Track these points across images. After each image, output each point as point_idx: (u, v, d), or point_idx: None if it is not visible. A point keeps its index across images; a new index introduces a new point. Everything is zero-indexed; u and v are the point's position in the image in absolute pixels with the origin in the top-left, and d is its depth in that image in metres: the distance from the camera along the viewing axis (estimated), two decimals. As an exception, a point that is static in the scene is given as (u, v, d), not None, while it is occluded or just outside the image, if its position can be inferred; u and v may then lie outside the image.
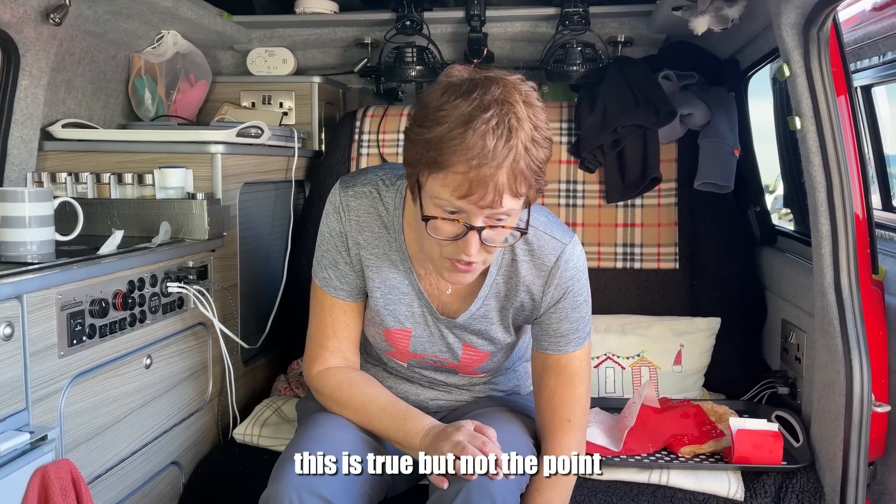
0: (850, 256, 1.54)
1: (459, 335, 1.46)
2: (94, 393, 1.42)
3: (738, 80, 2.28)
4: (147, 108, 2.19)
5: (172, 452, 1.70)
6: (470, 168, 1.15)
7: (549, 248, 1.37)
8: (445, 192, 1.18)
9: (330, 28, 2.43)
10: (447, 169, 1.17)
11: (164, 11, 2.01)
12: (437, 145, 1.17)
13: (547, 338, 1.42)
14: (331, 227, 1.44)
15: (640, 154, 2.09)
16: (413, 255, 1.41)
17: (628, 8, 2.22)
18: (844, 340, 1.52)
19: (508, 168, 1.16)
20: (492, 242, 1.24)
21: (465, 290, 1.42)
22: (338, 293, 1.46)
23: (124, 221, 1.73)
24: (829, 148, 1.52)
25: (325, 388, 1.46)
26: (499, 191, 1.16)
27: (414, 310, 1.45)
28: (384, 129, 2.27)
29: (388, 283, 1.43)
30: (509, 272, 1.40)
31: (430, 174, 1.20)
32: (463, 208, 1.19)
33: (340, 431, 1.38)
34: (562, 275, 1.38)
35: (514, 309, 1.43)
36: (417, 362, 1.52)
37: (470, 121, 1.15)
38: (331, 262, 1.45)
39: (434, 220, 1.22)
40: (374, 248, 1.42)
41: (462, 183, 1.16)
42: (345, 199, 1.41)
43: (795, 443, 1.70)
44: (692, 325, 2.02)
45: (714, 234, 2.12)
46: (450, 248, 1.24)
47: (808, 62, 1.51)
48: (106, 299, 1.42)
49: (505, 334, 1.47)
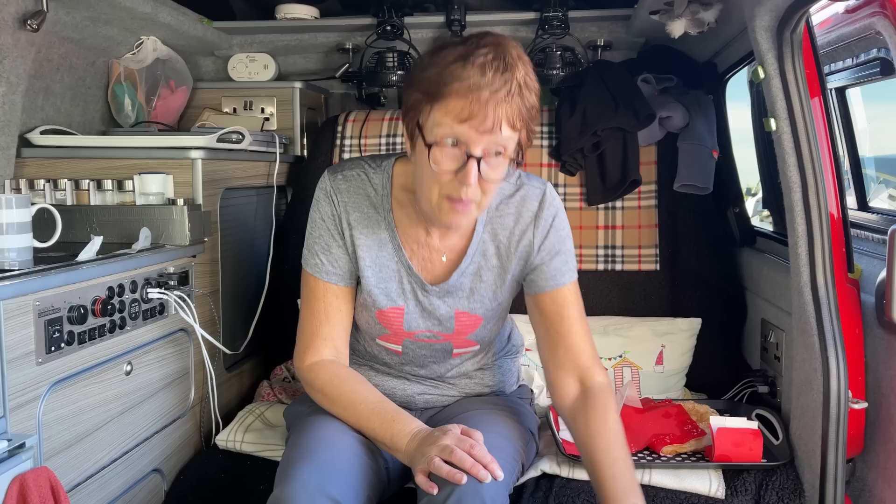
0: (825, 256, 1.56)
1: (451, 303, 1.49)
2: (74, 400, 1.41)
3: (715, 82, 2.31)
4: (127, 115, 2.18)
5: (154, 460, 1.69)
6: (470, 93, 1.22)
7: (532, 195, 1.47)
8: (448, 118, 1.25)
9: (311, 33, 2.44)
10: (448, 97, 1.24)
11: (143, 17, 2.00)
12: (437, 79, 1.25)
13: (543, 277, 1.47)
14: (322, 212, 1.47)
15: (620, 157, 2.11)
16: (402, 233, 1.46)
17: (607, 12, 2.24)
18: (821, 338, 1.54)
19: (506, 97, 1.23)
20: (489, 176, 1.29)
21: (455, 255, 1.48)
22: (330, 277, 1.48)
23: (104, 228, 1.72)
24: (803, 149, 1.54)
25: (316, 382, 1.46)
26: (497, 117, 1.23)
27: (404, 286, 1.49)
28: (366, 133, 2.28)
29: (379, 261, 1.47)
30: (496, 227, 1.47)
31: (431, 107, 1.27)
32: (464, 135, 1.25)
33: (342, 435, 1.39)
34: (548, 214, 1.46)
35: (513, 261, 1.48)
36: (412, 342, 1.53)
37: (467, 55, 1.24)
38: (323, 246, 1.48)
39: (437, 147, 1.26)
40: (364, 228, 1.46)
41: (463, 108, 1.23)
42: (334, 184, 1.47)
43: (775, 440, 1.72)
44: (673, 326, 2.04)
45: (694, 235, 2.14)
46: (449, 184, 1.29)
47: (783, 64, 1.53)
48: (85, 306, 1.41)
49: (495, 292, 1.50)
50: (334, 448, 1.34)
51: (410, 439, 1.32)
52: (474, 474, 1.22)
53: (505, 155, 1.29)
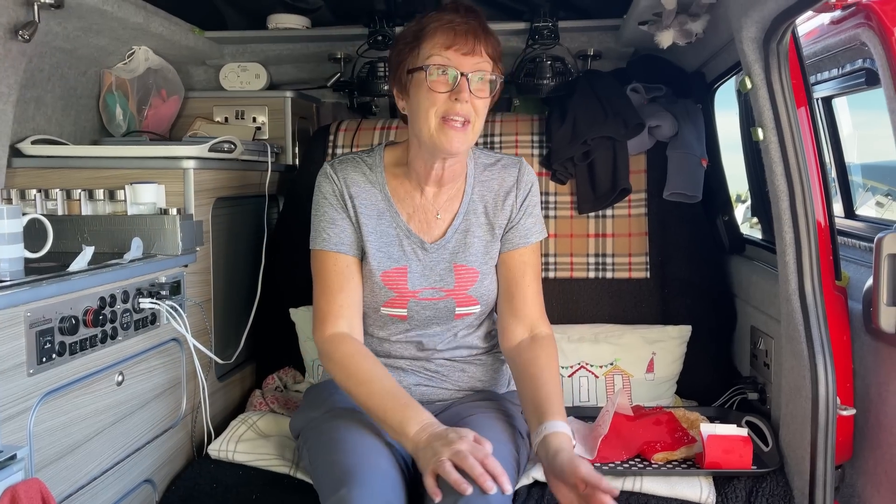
0: (813, 263, 1.57)
1: (448, 258, 1.64)
2: (65, 411, 1.41)
3: (704, 92, 2.33)
4: (118, 124, 2.18)
5: (145, 470, 1.68)
6: (450, 25, 1.49)
7: (511, 163, 1.71)
8: (435, 48, 1.49)
9: (302, 43, 2.45)
10: (431, 33, 1.50)
11: (134, 27, 2.01)
12: (417, 27, 1.53)
13: (518, 235, 1.68)
14: (324, 192, 1.63)
15: (609, 165, 2.12)
16: (398, 200, 1.64)
17: (597, 22, 2.26)
18: (809, 346, 1.55)
19: (479, 29, 1.51)
20: (479, 92, 1.50)
21: (448, 214, 1.65)
22: (339, 248, 1.60)
23: (95, 238, 1.72)
24: (790, 158, 1.56)
25: (336, 353, 1.53)
26: (478, 40, 1.49)
27: (405, 248, 1.63)
28: (358, 142, 2.28)
29: (379, 228, 1.63)
30: (483, 191, 1.67)
31: (418, 47, 1.51)
32: (451, 59, 1.48)
33: (376, 442, 1.44)
34: (526, 179, 1.69)
35: (499, 218, 1.66)
36: (416, 302, 1.63)
37: (441, 6, 1.55)
38: (328, 221, 1.61)
39: (430, 69, 1.48)
40: (364, 200, 1.63)
41: (446, 37, 1.49)
42: (333, 168, 1.64)
43: (765, 447, 1.73)
44: (664, 334, 2.05)
45: (684, 243, 2.16)
46: (444, 105, 1.49)
47: (769, 75, 1.55)
48: (76, 316, 1.41)
49: (486, 247, 1.66)
50: (377, 457, 1.39)
51: (421, 429, 1.36)
52: (481, 484, 1.25)
53: (487, 79, 1.52)
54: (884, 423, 1.56)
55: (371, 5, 2.24)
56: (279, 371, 2.20)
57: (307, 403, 1.68)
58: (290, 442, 1.78)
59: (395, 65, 1.58)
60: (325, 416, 1.56)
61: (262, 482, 1.68)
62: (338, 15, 2.34)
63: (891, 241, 1.48)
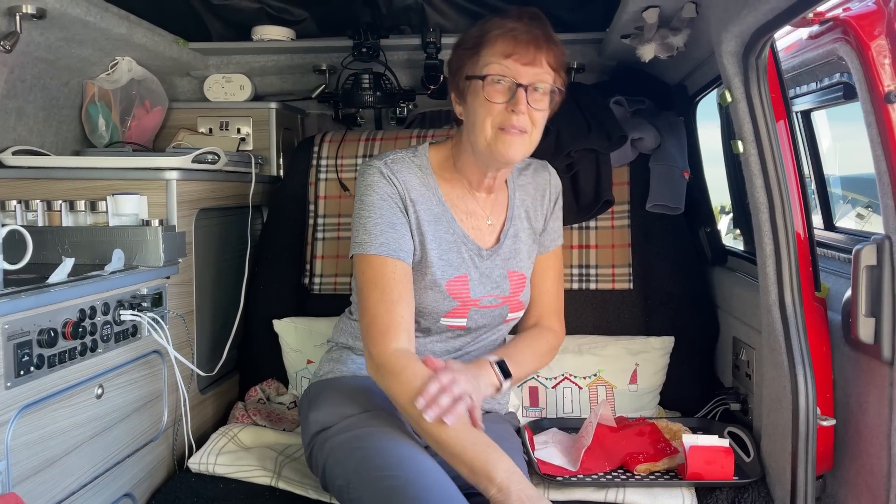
0: (792, 275, 1.59)
1: (502, 264, 1.65)
2: (43, 424, 1.39)
3: (686, 104, 2.35)
4: (101, 135, 2.17)
5: (125, 484, 1.66)
6: (512, 33, 1.47)
7: (541, 167, 1.77)
8: (494, 56, 1.47)
9: (287, 54, 2.45)
10: (492, 41, 1.48)
11: (118, 38, 2.00)
12: (479, 33, 1.51)
13: (548, 237, 1.75)
14: (381, 193, 1.55)
15: (593, 177, 2.13)
16: (452, 206, 1.61)
17: (580, 35, 2.28)
18: (790, 356, 1.57)
19: (542, 38, 1.48)
20: (537, 104, 1.49)
21: (496, 219, 1.67)
22: (398, 254, 1.51)
23: (76, 249, 1.71)
24: (770, 170, 1.57)
25: (404, 373, 1.39)
26: (539, 50, 1.47)
27: (463, 255, 1.61)
28: (342, 154, 2.29)
29: (438, 234, 1.59)
30: (523, 196, 1.71)
31: (477, 54, 1.49)
32: (510, 68, 1.46)
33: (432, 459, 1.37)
34: (555, 182, 1.78)
35: (539, 221, 1.72)
36: (477, 310, 1.62)
37: (504, 14, 1.52)
38: (388, 224, 1.53)
39: (489, 79, 1.47)
40: (422, 204, 1.58)
41: (507, 45, 1.47)
42: (388, 165, 1.57)
43: (747, 458, 1.74)
44: (647, 345, 2.06)
45: (667, 254, 2.17)
46: (501, 115, 1.48)
47: (749, 88, 1.57)
48: (55, 328, 1.40)
49: (529, 250, 1.71)
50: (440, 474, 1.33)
51: (508, 476, 1.27)
52: None
53: (546, 91, 1.50)
54: (864, 434, 1.58)
55: (356, 17, 2.25)
56: (262, 383, 2.18)
57: (334, 399, 1.53)
58: (272, 453, 1.77)
59: (455, 70, 1.57)
60: (366, 416, 1.44)
61: (244, 495, 1.67)
62: (323, 27, 2.35)
63: (868, 253, 1.49)
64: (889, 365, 1.48)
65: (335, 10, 2.23)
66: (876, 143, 1.48)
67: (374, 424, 1.42)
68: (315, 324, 2.10)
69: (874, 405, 1.53)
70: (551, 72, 1.50)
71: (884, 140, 1.46)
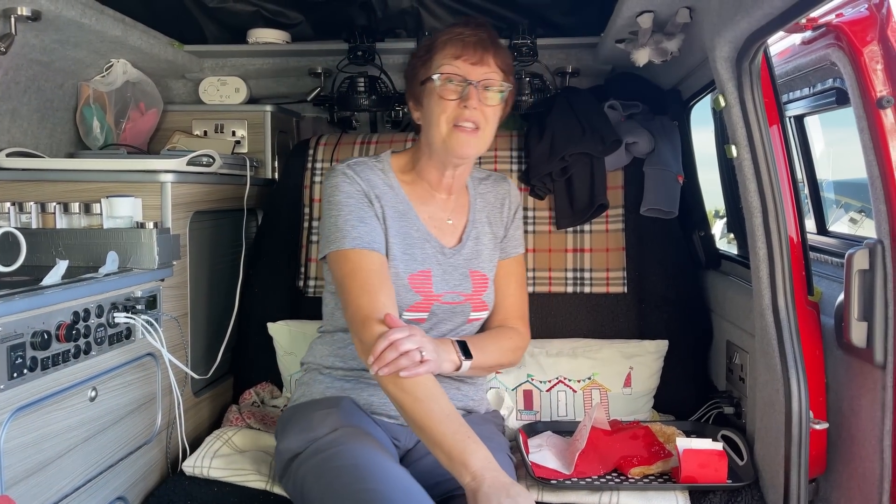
0: (785, 279, 1.59)
1: (465, 263, 1.71)
2: (36, 427, 1.39)
3: (680, 109, 2.36)
4: (95, 137, 2.17)
5: (118, 487, 1.66)
6: (459, 38, 1.59)
7: (500, 178, 1.87)
8: (445, 59, 1.58)
9: (283, 57, 2.45)
10: (442, 46, 1.60)
11: (113, 40, 2.00)
12: (430, 43, 1.63)
13: (508, 245, 1.82)
14: (347, 191, 1.62)
15: (587, 181, 2.14)
16: (416, 206, 1.68)
17: (575, 40, 2.29)
18: (783, 360, 1.57)
19: (488, 40, 1.60)
20: (488, 100, 1.59)
21: (459, 220, 1.74)
22: (373, 246, 1.58)
23: (70, 251, 1.70)
24: (763, 175, 1.58)
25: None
26: (486, 51, 1.59)
27: (427, 252, 1.67)
28: (338, 157, 2.29)
29: (402, 230, 1.65)
30: (483, 203, 1.79)
31: (430, 60, 1.61)
32: (460, 68, 1.58)
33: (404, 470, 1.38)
34: (515, 193, 1.86)
35: (500, 227, 1.79)
36: (439, 305, 1.66)
37: (452, 24, 1.65)
38: (358, 218, 1.59)
39: (441, 78, 1.57)
40: (386, 201, 1.65)
41: (456, 46, 1.58)
42: (350, 167, 1.65)
43: (740, 461, 1.74)
44: (641, 348, 2.06)
45: (660, 258, 2.18)
46: (454, 111, 1.57)
47: (742, 93, 1.58)
48: (48, 331, 1.39)
49: (491, 254, 1.77)
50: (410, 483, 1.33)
51: (483, 467, 1.29)
52: None
53: (495, 89, 1.60)
54: (856, 437, 1.58)
55: (351, 20, 2.25)
56: (257, 386, 2.18)
57: (302, 425, 1.53)
58: (266, 457, 1.76)
59: (410, 78, 1.68)
60: (334, 436, 1.44)
61: (238, 498, 1.66)
62: (318, 30, 2.35)
63: (861, 257, 1.50)
64: (881, 369, 1.48)
65: (331, 13, 2.23)
66: (868, 148, 1.49)
67: (342, 442, 1.43)
68: (309, 326, 2.10)
69: (867, 409, 1.54)
70: (499, 72, 1.61)
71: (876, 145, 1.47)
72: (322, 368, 1.69)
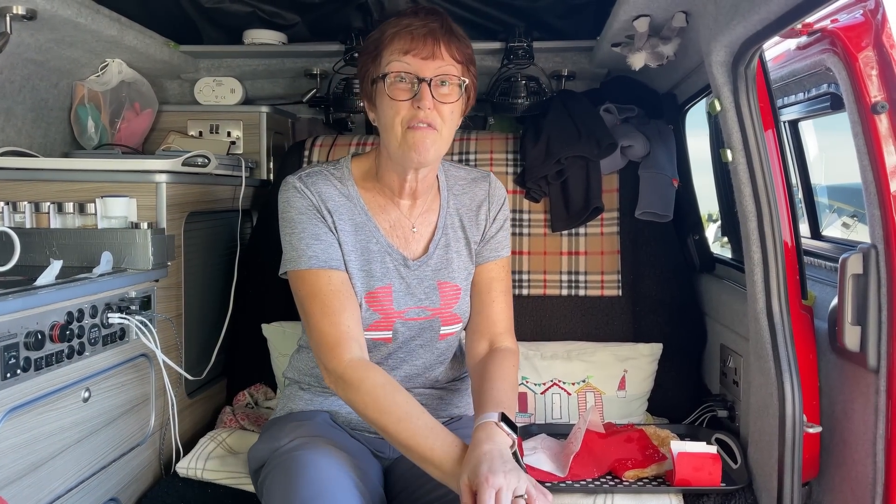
0: (780, 283, 1.60)
1: (432, 275, 1.58)
2: (29, 428, 1.38)
3: (675, 113, 2.37)
4: (90, 137, 2.16)
5: (111, 488, 1.65)
6: (408, 29, 1.42)
7: (481, 176, 1.67)
8: (394, 55, 1.42)
9: (278, 59, 2.45)
10: (390, 40, 1.43)
11: (108, 40, 2.00)
12: (378, 35, 1.46)
13: (490, 248, 1.64)
14: (298, 207, 1.50)
15: (582, 184, 2.14)
16: (375, 215, 1.56)
17: (571, 43, 2.29)
18: (776, 364, 1.58)
19: (440, 31, 1.43)
20: (444, 98, 1.43)
21: (426, 228, 1.59)
22: (330, 264, 1.48)
23: (64, 252, 1.70)
24: (758, 179, 1.59)
25: (364, 384, 1.36)
26: (437, 43, 1.42)
27: (388, 265, 1.55)
28: (333, 158, 2.28)
29: (359, 245, 1.53)
30: (457, 204, 1.63)
31: (378, 56, 1.45)
32: (411, 64, 1.41)
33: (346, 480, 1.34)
34: (498, 192, 1.66)
35: (474, 232, 1.62)
36: (402, 322, 1.55)
37: (401, 12, 1.47)
38: (312, 236, 1.48)
39: (390, 77, 1.42)
40: (342, 215, 1.52)
41: (403, 42, 1.42)
42: (302, 179, 1.52)
43: (734, 464, 1.75)
44: (635, 351, 2.07)
45: (655, 261, 2.18)
46: (408, 112, 1.42)
47: (737, 98, 1.58)
48: (42, 331, 1.39)
49: (465, 262, 1.62)
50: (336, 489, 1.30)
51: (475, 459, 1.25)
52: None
53: (452, 84, 1.44)
54: (849, 441, 1.59)
55: (347, 22, 2.25)
56: (250, 387, 2.18)
57: (270, 435, 1.53)
58: (260, 459, 1.76)
59: (361, 76, 1.52)
60: (290, 444, 1.44)
61: (231, 500, 1.66)
62: (314, 31, 2.35)
63: (854, 262, 1.51)
64: (875, 373, 1.49)
65: (327, 15, 2.23)
66: (862, 153, 1.50)
67: (298, 449, 1.41)
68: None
69: (860, 413, 1.54)
70: (456, 64, 1.44)
71: (870, 150, 1.48)
72: (302, 383, 1.66)
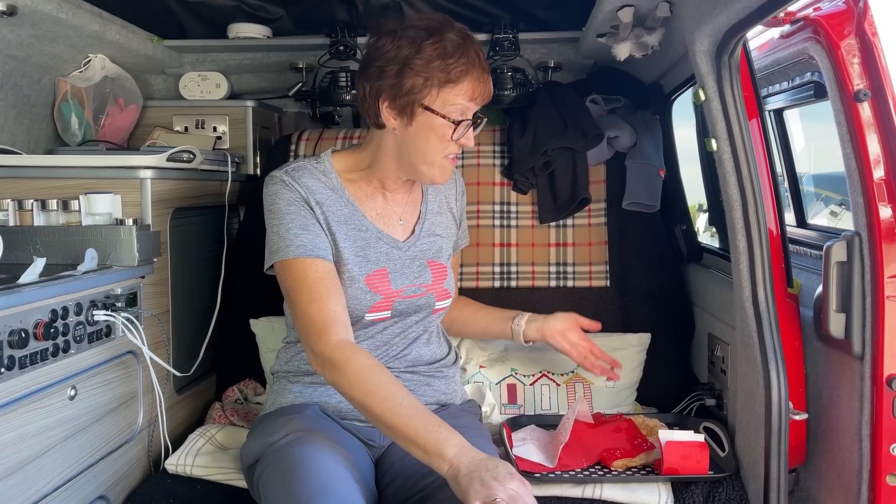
0: (765, 271, 1.61)
1: (421, 255, 1.68)
2: (14, 427, 1.37)
3: (662, 103, 2.37)
4: (74, 133, 2.14)
5: (100, 486, 1.65)
6: (480, 79, 1.51)
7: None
8: (462, 98, 1.50)
9: (263, 52, 2.43)
10: (464, 83, 1.49)
11: (90, 35, 1.98)
12: (449, 68, 1.47)
13: (461, 237, 1.85)
14: (288, 198, 1.55)
15: (570, 176, 2.14)
16: (362, 206, 1.63)
17: (556, 34, 2.29)
18: (762, 352, 1.59)
19: (489, 72, 1.54)
20: (476, 133, 1.58)
21: (410, 216, 1.70)
22: (317, 253, 1.52)
23: (48, 249, 1.68)
24: (742, 168, 1.59)
25: (350, 365, 1.38)
26: (490, 89, 1.56)
27: (380, 250, 1.63)
28: (320, 152, 2.27)
29: (350, 233, 1.60)
30: (437, 193, 1.76)
31: (440, 90, 1.49)
32: (470, 108, 1.53)
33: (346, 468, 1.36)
34: (461, 184, 1.83)
35: (453, 216, 1.78)
36: (400, 300, 1.63)
37: (466, 47, 1.50)
38: (300, 226, 1.53)
39: (465, 123, 1.52)
40: (330, 206, 1.58)
41: (475, 89, 1.51)
42: (288, 174, 1.58)
43: (722, 452, 1.76)
44: (624, 341, 2.08)
45: (643, 252, 2.19)
46: (453, 145, 1.54)
47: (722, 87, 1.59)
48: (26, 329, 1.38)
49: (447, 243, 1.76)
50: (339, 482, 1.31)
51: (459, 451, 1.26)
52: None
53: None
54: (835, 427, 1.60)
55: (332, 15, 2.24)
56: (239, 383, 2.17)
57: (262, 430, 1.53)
58: (249, 455, 1.76)
59: (402, 89, 1.48)
60: (285, 440, 1.44)
61: (221, 496, 1.66)
62: (299, 25, 2.33)
63: (839, 250, 1.52)
64: (859, 359, 1.50)
65: (312, 7, 2.21)
66: (846, 140, 1.51)
67: (294, 444, 1.41)
68: (292, 323, 2.09)
69: (845, 399, 1.56)
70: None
71: (853, 138, 1.49)
72: (290, 377, 1.67)
